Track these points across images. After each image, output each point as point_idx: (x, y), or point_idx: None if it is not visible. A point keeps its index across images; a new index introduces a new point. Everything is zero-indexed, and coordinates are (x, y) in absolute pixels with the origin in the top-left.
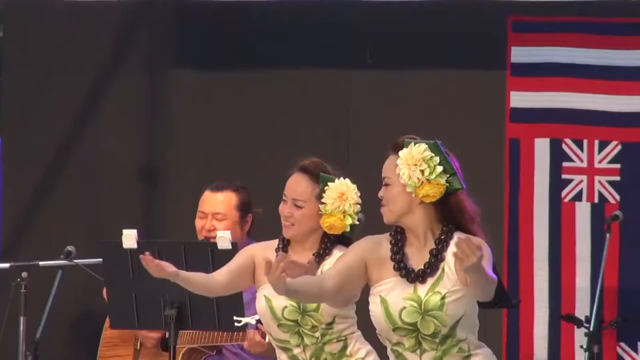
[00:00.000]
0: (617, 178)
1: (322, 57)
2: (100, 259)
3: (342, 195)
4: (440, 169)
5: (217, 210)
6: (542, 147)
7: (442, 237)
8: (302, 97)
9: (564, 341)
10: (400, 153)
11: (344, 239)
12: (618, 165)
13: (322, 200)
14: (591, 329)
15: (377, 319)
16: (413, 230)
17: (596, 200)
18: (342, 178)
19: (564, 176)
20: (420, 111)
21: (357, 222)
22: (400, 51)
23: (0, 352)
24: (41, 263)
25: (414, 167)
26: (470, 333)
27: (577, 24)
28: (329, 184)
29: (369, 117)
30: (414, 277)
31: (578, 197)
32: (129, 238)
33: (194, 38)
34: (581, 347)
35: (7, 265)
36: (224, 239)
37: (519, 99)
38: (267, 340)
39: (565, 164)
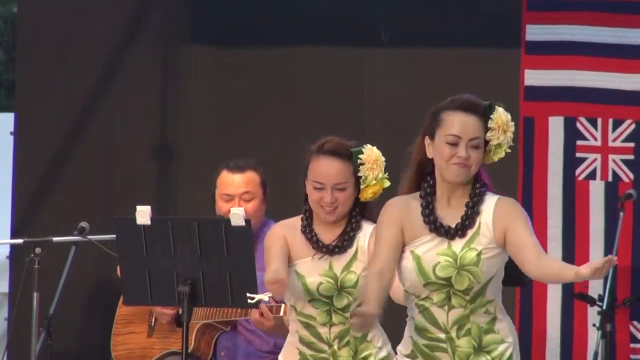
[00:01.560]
0: (631, 157)
1: (337, 35)
2: (114, 235)
3: (376, 161)
4: None
5: (245, 190)
6: (556, 126)
7: (477, 191)
8: (317, 75)
9: (576, 320)
10: (493, 116)
11: (365, 211)
12: (632, 144)
13: (359, 174)
14: (604, 307)
15: (409, 274)
16: (455, 188)
17: (610, 179)
18: (365, 146)
19: (577, 155)
20: (435, 89)
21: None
22: (415, 29)
23: (14, 328)
24: (55, 239)
25: (503, 133)
26: (498, 295)
27: (592, 3)
28: (360, 156)
29: (383, 96)
30: (453, 233)
31: (592, 175)
32: (143, 214)
33: (209, 14)
34: (594, 325)
35: (20, 240)
36: (237, 216)
37: (534, 77)
38: (282, 313)
39: (579, 142)
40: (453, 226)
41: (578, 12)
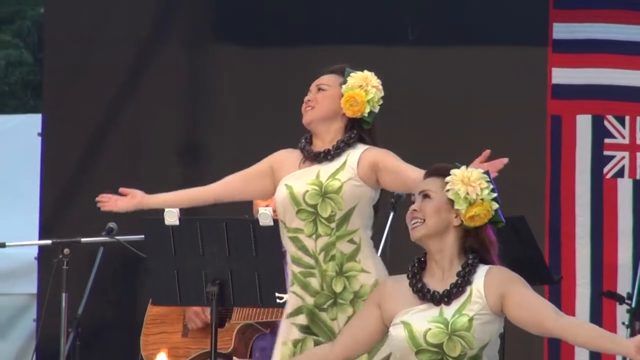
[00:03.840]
0: None
1: (363, 34)
2: (142, 236)
3: (365, 78)
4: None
5: None
6: (583, 124)
7: (469, 262)
8: None
9: (605, 318)
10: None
11: (362, 132)
12: None
13: (344, 85)
14: (633, 305)
15: (399, 342)
16: (439, 254)
17: (638, 176)
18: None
19: (605, 153)
20: (462, 88)
21: (375, 111)
22: (442, 27)
23: (43, 329)
24: (83, 239)
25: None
26: None
27: (620, 0)
28: (352, 74)
29: (410, 94)
30: (440, 298)
31: (620, 173)
32: (171, 215)
33: (234, 13)
34: (623, 323)
35: (49, 241)
36: (266, 215)
37: (561, 76)
38: None
39: (607, 140)
40: (440, 292)
41: (605, 9)
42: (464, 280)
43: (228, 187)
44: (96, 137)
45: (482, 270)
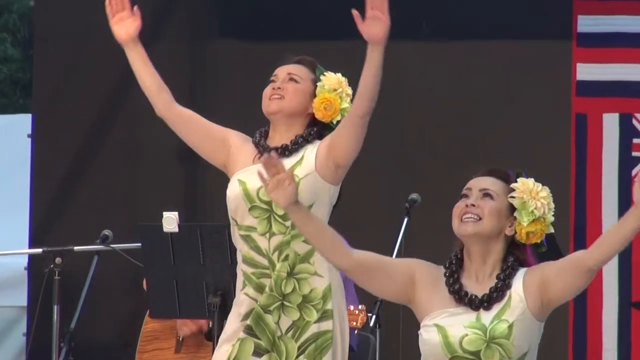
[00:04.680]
0: None
1: None
2: (139, 244)
3: (340, 83)
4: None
5: None
6: (610, 123)
7: (509, 263)
8: (353, 68)
9: (634, 330)
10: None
11: (322, 130)
12: None
13: (319, 84)
14: None
15: (432, 347)
16: (480, 258)
17: None
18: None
19: (634, 153)
20: (482, 84)
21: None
22: (460, 21)
23: (33, 343)
24: (76, 248)
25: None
26: None
27: None
28: (325, 73)
29: (426, 90)
30: (479, 303)
31: None
32: (170, 221)
33: (235, 8)
34: None
35: (39, 250)
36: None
37: (586, 71)
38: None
39: (635, 140)
40: (479, 296)
41: (631, 1)
42: (504, 283)
43: (184, 124)
44: (90, 138)
45: (520, 273)
